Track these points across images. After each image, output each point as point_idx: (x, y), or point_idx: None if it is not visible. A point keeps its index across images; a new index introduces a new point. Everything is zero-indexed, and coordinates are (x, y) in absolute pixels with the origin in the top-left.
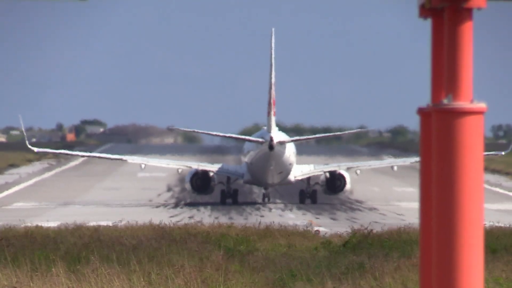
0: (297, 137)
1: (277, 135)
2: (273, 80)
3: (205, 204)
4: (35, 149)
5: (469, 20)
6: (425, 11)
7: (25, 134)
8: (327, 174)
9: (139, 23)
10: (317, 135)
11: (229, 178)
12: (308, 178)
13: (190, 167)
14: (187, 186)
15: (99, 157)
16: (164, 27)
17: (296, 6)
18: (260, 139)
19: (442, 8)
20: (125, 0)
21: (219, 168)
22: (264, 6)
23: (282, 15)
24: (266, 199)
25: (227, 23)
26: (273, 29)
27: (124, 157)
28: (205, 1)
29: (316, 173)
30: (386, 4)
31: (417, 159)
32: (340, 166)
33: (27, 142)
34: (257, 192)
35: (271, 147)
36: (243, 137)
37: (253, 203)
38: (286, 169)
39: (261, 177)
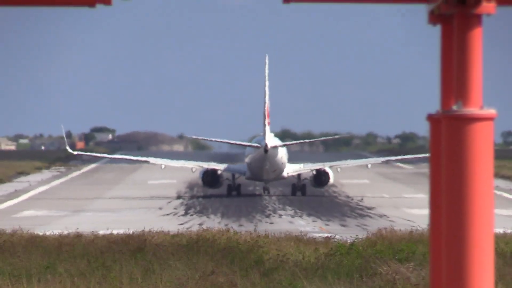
0: (287, 142)
1: (271, 141)
2: (266, 97)
3: (214, 196)
4: (74, 152)
5: (478, 26)
6: (434, 17)
7: (66, 140)
8: (314, 171)
9: (150, 31)
10: (306, 140)
11: (234, 175)
12: (299, 175)
13: (202, 166)
14: (200, 182)
15: (126, 159)
16: (175, 35)
17: (306, 14)
18: (257, 145)
19: (451, 15)
20: (135, 7)
21: (226, 167)
22: (277, 11)
23: (292, 21)
24: (266, 192)
25: (240, 31)
26: (266, 55)
27: (148, 159)
28: (217, 10)
29: (305, 170)
30: (396, 11)
31: (389, 158)
32: (324, 165)
33: (67, 146)
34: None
35: (266, 150)
36: (243, 143)
37: (254, 195)
38: (279, 168)
39: (259, 174)
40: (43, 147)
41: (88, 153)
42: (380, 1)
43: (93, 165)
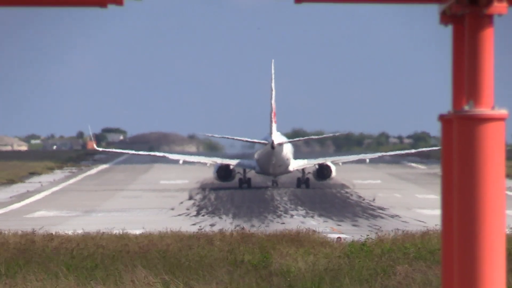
0: (292, 139)
1: (277, 138)
2: (273, 99)
3: (227, 189)
4: (100, 149)
5: (490, 26)
6: (445, 17)
7: (93, 138)
8: (317, 166)
9: (161, 32)
10: (308, 137)
11: (244, 169)
12: (303, 169)
13: (216, 162)
14: (214, 175)
15: (146, 155)
16: (186, 35)
17: (318, 14)
18: (264, 141)
19: (463, 15)
20: (146, 8)
21: (237, 162)
22: (288, 12)
23: (304, 21)
24: (275, 184)
25: (251, 31)
26: (272, 60)
27: (166, 154)
28: (228, 10)
29: (308, 165)
30: (407, 11)
31: (385, 153)
32: (326, 159)
33: (94, 144)
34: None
35: (272, 147)
36: (251, 140)
37: (264, 187)
38: (284, 163)
39: (266, 169)
40: (54, 147)
41: (112, 150)
42: (391, 1)
43: (104, 166)
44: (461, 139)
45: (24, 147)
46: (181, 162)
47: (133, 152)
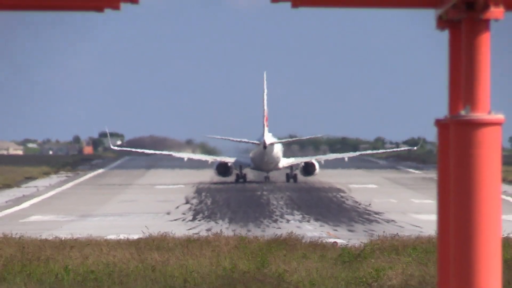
0: (282, 140)
1: (269, 139)
2: (265, 105)
3: (225, 183)
4: (115, 148)
5: (486, 31)
6: (442, 22)
7: (109, 139)
8: (303, 163)
9: (158, 37)
10: (295, 138)
11: (241, 166)
12: (291, 166)
13: (216, 159)
14: (214, 171)
15: (157, 154)
16: (182, 39)
17: (314, 19)
18: (257, 142)
19: (460, 20)
20: (143, 13)
21: (235, 160)
22: (285, 16)
23: (301, 25)
24: (267, 180)
25: (249, 36)
26: (265, 72)
27: (170, 153)
28: (226, 15)
29: (296, 163)
30: (404, 16)
31: (365, 152)
32: (311, 158)
33: (110, 144)
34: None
35: (264, 146)
36: (245, 140)
37: (257, 182)
38: (275, 161)
39: (259, 166)
40: (51, 152)
41: (125, 149)
42: (388, 6)
43: (100, 170)
44: (458, 143)
45: (20, 152)
46: (185, 159)
47: (143, 150)
